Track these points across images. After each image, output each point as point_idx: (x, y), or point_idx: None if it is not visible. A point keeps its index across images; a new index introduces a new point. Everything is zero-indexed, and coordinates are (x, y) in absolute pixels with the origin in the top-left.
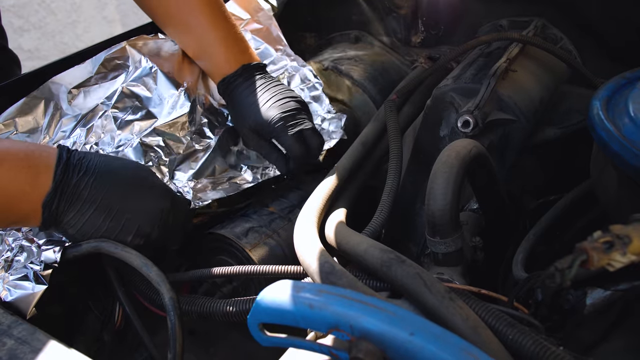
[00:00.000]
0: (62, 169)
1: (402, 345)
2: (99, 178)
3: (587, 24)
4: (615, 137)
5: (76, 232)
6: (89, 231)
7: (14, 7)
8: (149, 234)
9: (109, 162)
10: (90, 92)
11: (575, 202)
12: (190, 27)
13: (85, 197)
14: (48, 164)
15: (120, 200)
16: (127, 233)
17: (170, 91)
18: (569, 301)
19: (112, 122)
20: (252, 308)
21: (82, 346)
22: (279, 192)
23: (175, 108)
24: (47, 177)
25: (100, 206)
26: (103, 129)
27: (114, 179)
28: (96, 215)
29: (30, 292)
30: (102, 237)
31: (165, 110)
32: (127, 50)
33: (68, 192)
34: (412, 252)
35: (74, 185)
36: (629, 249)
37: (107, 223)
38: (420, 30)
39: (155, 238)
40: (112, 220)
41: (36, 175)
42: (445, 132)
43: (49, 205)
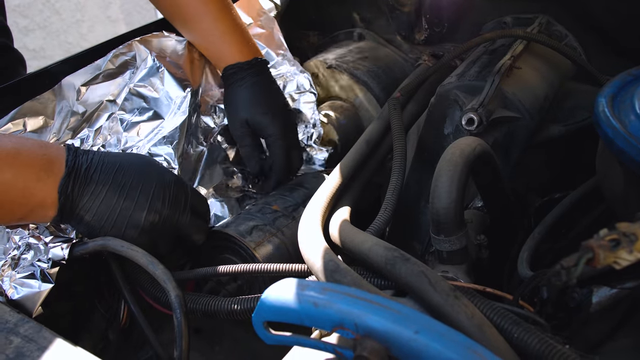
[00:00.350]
0: (72, 157)
1: (407, 344)
2: (106, 162)
3: (591, 21)
4: (621, 134)
5: (92, 216)
6: (105, 212)
7: (19, 7)
8: (161, 210)
9: (113, 153)
10: (97, 89)
11: (580, 200)
12: (198, 18)
13: (97, 179)
14: (59, 154)
15: (130, 178)
16: (140, 209)
17: (177, 92)
18: (575, 299)
19: (118, 124)
20: (257, 306)
21: (87, 344)
22: (283, 190)
23: (181, 109)
24: (60, 165)
25: (112, 186)
26: (110, 130)
27: (120, 162)
28: (110, 195)
29: (36, 290)
30: (117, 219)
31: (172, 112)
32: (135, 46)
33: (81, 176)
34: (416, 250)
35: (85, 170)
36: (636, 246)
37: (121, 202)
38: (424, 28)
39: (167, 215)
40: (125, 199)
41: (50, 164)
42: (450, 129)
43: (64, 188)
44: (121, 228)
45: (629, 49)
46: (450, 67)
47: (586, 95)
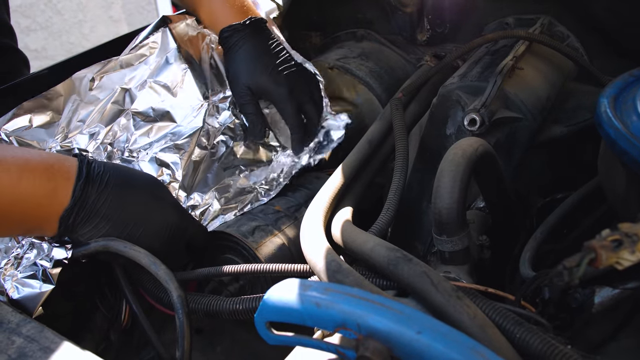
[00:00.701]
0: (81, 185)
1: (410, 344)
2: (116, 195)
3: (593, 21)
4: (623, 135)
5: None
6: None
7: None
8: (157, 250)
9: (126, 176)
10: (113, 76)
11: (582, 201)
12: None
13: (103, 214)
14: (68, 177)
15: (136, 217)
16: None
17: (196, 99)
18: (577, 300)
19: (131, 122)
20: (259, 306)
21: (89, 344)
22: (285, 190)
23: (197, 118)
24: (65, 192)
25: (116, 223)
26: (120, 127)
27: (131, 196)
28: (111, 232)
29: (37, 291)
30: None
31: (186, 118)
32: (162, 35)
33: (86, 208)
34: (418, 250)
35: (93, 202)
36: (638, 247)
37: (121, 233)
38: (426, 29)
39: (160, 252)
40: (126, 237)
41: (55, 189)
42: (452, 130)
43: (65, 219)
44: None
45: (630, 50)
46: (452, 67)
47: (588, 96)
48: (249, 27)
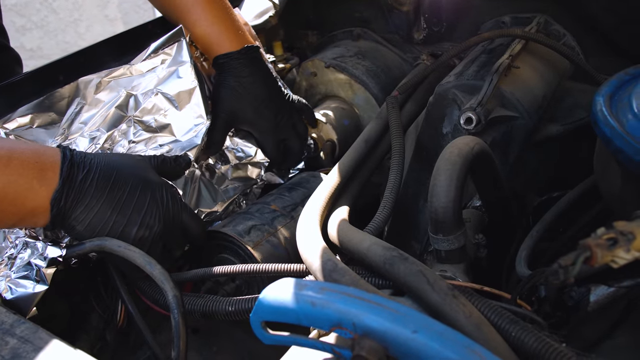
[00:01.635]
0: (67, 166)
1: (405, 343)
2: (103, 174)
3: (590, 20)
4: (618, 133)
5: (84, 227)
6: (97, 225)
7: (15, 6)
8: (153, 226)
9: (110, 159)
10: (120, 81)
11: (578, 199)
12: (188, 8)
13: (92, 192)
14: (54, 161)
15: (125, 193)
16: (132, 224)
17: (199, 117)
18: (573, 298)
19: (131, 129)
20: (255, 306)
21: (85, 345)
22: (282, 190)
23: (198, 136)
24: (53, 174)
25: (107, 200)
26: (119, 130)
27: (117, 174)
28: (103, 210)
29: (31, 291)
30: (109, 232)
31: (186, 134)
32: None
33: (75, 188)
34: (414, 249)
35: (81, 182)
36: (633, 245)
37: (113, 217)
38: (423, 27)
39: (158, 231)
40: (118, 214)
41: (43, 172)
42: (448, 129)
43: (57, 201)
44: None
45: (626, 49)
46: (448, 66)
47: (584, 95)
48: (244, 55)
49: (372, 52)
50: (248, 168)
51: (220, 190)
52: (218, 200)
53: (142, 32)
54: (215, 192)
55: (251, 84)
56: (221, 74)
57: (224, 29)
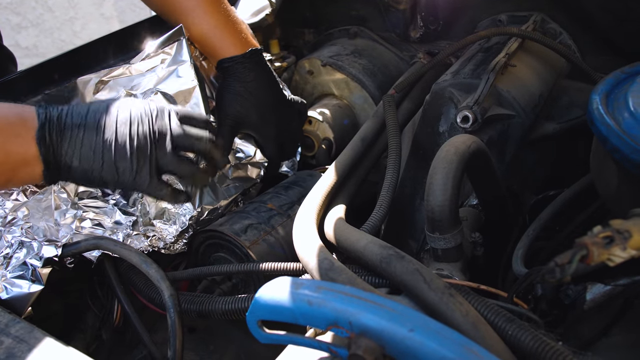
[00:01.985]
0: (43, 109)
1: (402, 342)
2: (76, 109)
3: (586, 18)
4: (614, 132)
5: (80, 160)
6: (90, 152)
7: (11, 4)
8: (145, 132)
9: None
10: (119, 81)
11: (575, 197)
12: (188, 12)
13: (72, 123)
14: (32, 110)
15: (102, 114)
16: (122, 138)
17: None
18: (569, 296)
19: None
20: (251, 305)
21: (81, 344)
22: (278, 188)
23: None
24: (32, 119)
25: (87, 126)
26: None
27: (92, 104)
28: (89, 136)
29: (27, 291)
30: (105, 155)
31: None
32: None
33: (54, 124)
34: (411, 248)
35: (58, 118)
36: (629, 243)
37: (101, 139)
38: (419, 26)
39: (153, 136)
40: (104, 133)
41: (24, 120)
42: (445, 127)
43: (42, 140)
44: (111, 162)
45: (622, 47)
46: (445, 64)
47: (580, 93)
48: (248, 59)
49: (369, 51)
50: (248, 168)
51: (221, 189)
52: (220, 199)
53: (139, 30)
54: (216, 191)
55: (256, 89)
56: (226, 79)
57: (227, 31)
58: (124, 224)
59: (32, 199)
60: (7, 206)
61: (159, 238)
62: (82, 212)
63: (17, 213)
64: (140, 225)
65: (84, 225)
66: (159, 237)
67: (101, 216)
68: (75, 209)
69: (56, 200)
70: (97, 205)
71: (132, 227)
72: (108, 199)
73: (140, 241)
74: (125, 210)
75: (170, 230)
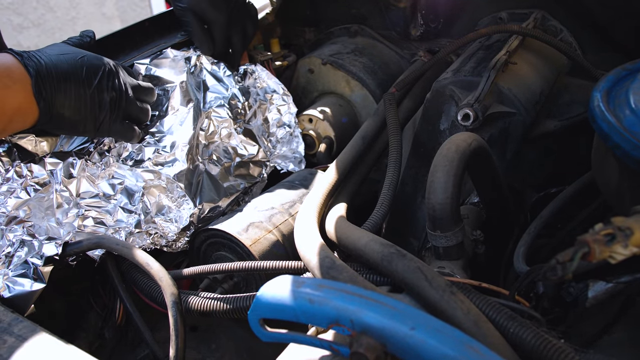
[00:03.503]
0: (26, 59)
1: (403, 340)
2: (53, 56)
3: (586, 16)
4: (616, 129)
5: (71, 111)
6: (80, 103)
7: (13, 5)
8: (112, 86)
9: (47, 52)
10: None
11: (576, 195)
12: None
13: (60, 75)
14: (10, 59)
15: (82, 69)
16: (101, 90)
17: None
18: (571, 294)
19: None
20: (253, 304)
21: (83, 343)
22: (280, 187)
23: (183, 125)
24: (18, 70)
25: (74, 79)
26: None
27: (66, 56)
28: (77, 88)
29: (29, 289)
30: (90, 106)
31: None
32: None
33: (46, 75)
34: (413, 246)
35: (47, 69)
36: (631, 241)
37: (87, 92)
38: (420, 24)
39: (117, 88)
40: (88, 87)
41: (9, 70)
42: (446, 125)
43: (39, 92)
44: (95, 114)
45: (623, 44)
46: (445, 62)
47: (581, 90)
48: None
49: (369, 49)
50: (250, 166)
51: (223, 187)
52: (221, 196)
53: (140, 30)
54: (218, 188)
55: None
56: None
57: None
58: (126, 222)
59: (34, 197)
60: (9, 204)
61: (160, 235)
62: (84, 211)
63: (19, 211)
64: (142, 223)
65: (86, 223)
66: (161, 235)
67: (103, 215)
68: (77, 208)
69: (58, 198)
70: (99, 205)
71: (134, 225)
72: (110, 200)
73: (143, 239)
74: (127, 209)
75: (172, 228)
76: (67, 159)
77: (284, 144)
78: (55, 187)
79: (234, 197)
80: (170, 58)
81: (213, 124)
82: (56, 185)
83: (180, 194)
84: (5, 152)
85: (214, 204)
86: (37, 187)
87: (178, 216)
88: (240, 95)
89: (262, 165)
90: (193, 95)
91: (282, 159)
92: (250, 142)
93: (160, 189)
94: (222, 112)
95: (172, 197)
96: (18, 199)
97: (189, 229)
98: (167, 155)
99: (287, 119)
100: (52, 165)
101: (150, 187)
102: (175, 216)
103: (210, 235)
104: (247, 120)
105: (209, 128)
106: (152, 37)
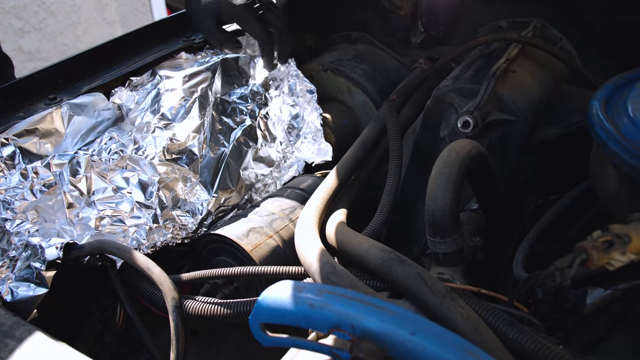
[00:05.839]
0: None
1: (403, 345)
2: None
3: (586, 25)
4: (614, 137)
5: None
6: None
7: (14, 9)
8: None
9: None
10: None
11: (574, 202)
12: None
13: None
14: None
15: None
16: None
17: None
18: (570, 300)
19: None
20: (254, 308)
21: (83, 347)
22: (280, 192)
23: (188, 115)
24: None
25: None
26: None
27: None
28: None
29: (32, 294)
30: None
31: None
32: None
33: None
34: (413, 252)
35: None
36: (629, 248)
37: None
38: (420, 31)
39: None
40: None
41: None
42: (445, 132)
43: None
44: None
45: (622, 53)
46: (446, 70)
47: (580, 98)
48: None
49: (370, 56)
50: (267, 158)
51: (242, 175)
52: (235, 184)
53: (142, 35)
54: (236, 176)
55: None
56: None
57: None
58: (143, 217)
59: (40, 198)
60: (16, 205)
61: (180, 228)
62: (100, 210)
63: (27, 214)
64: (160, 217)
65: (104, 223)
66: (180, 227)
67: (119, 212)
68: (91, 207)
69: (68, 199)
70: (112, 201)
71: (152, 220)
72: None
73: (163, 234)
74: (142, 203)
75: (190, 220)
76: (73, 159)
77: (307, 138)
78: (63, 187)
79: (246, 190)
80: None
81: (235, 114)
82: (64, 185)
83: (194, 183)
84: (9, 156)
85: (228, 196)
86: (43, 189)
87: (195, 207)
88: (261, 89)
89: (280, 158)
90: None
91: (305, 153)
92: (271, 133)
93: (174, 181)
94: (244, 103)
95: (186, 188)
96: (24, 200)
97: (206, 219)
98: (179, 144)
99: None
100: (58, 167)
101: (164, 180)
102: (193, 208)
103: (211, 241)
104: (268, 113)
105: (227, 118)
106: (155, 42)
